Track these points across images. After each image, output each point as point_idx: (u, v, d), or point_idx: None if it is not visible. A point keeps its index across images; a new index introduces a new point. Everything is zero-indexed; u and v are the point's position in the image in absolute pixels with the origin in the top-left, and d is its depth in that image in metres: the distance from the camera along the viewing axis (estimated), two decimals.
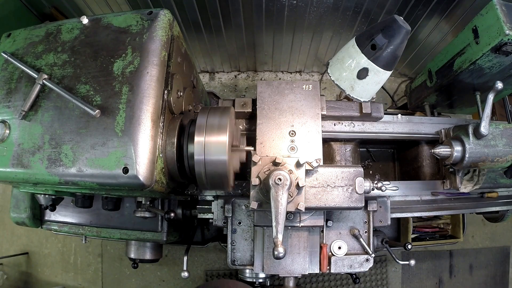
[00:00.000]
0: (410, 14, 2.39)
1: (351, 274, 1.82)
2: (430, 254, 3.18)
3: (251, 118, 1.61)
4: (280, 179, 1.20)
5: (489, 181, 1.62)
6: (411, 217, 2.20)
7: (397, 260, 1.81)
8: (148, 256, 1.91)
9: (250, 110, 1.55)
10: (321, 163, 1.35)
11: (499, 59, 1.53)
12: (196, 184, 1.52)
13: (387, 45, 1.14)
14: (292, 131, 1.46)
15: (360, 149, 1.94)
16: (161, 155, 1.26)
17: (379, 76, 1.21)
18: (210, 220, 1.59)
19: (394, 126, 1.67)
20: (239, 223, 1.55)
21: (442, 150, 1.45)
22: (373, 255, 1.57)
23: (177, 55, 1.41)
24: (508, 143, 1.43)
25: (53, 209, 1.62)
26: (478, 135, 1.41)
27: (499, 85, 1.35)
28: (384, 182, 1.38)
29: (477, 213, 2.13)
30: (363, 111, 1.58)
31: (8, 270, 3.19)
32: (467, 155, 1.41)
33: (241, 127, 1.61)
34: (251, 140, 1.51)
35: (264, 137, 1.45)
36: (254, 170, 1.30)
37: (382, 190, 1.38)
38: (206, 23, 2.52)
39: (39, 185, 1.31)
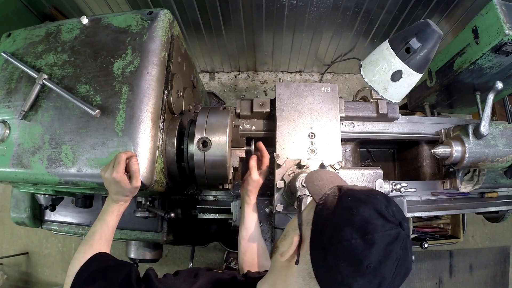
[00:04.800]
0: (410, 14, 2.40)
1: None
2: (430, 254, 3.18)
3: (269, 119, 1.61)
4: None
5: (489, 181, 1.62)
6: (411, 217, 2.20)
7: None
8: (148, 256, 1.90)
9: (268, 110, 1.55)
10: (343, 165, 1.36)
11: (499, 59, 1.53)
12: (196, 184, 1.52)
13: (421, 49, 1.16)
14: (312, 133, 1.47)
15: (360, 149, 1.94)
16: (161, 155, 1.26)
17: (412, 79, 1.23)
18: (229, 221, 1.58)
19: (394, 126, 1.67)
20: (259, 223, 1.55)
21: (442, 150, 1.45)
22: None
23: (177, 55, 1.41)
24: (508, 143, 1.43)
25: (53, 209, 1.62)
26: (478, 135, 1.41)
27: (499, 85, 1.35)
28: (402, 184, 1.40)
29: (477, 213, 2.13)
30: (380, 112, 1.59)
31: (8, 270, 3.19)
32: (467, 155, 1.41)
33: (240, 127, 1.61)
34: (270, 140, 1.51)
35: (284, 139, 1.46)
36: (279, 173, 1.31)
37: (401, 192, 1.41)
38: (206, 23, 2.52)
39: (39, 185, 1.31)
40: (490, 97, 1.40)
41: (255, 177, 1.30)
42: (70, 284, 0.93)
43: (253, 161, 1.33)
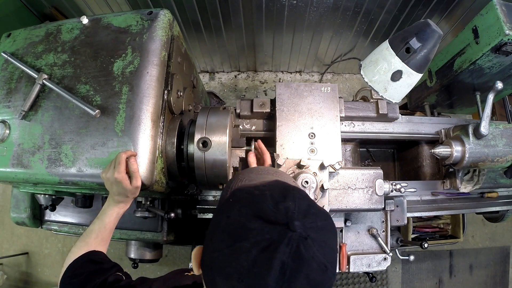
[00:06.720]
0: (410, 14, 2.40)
1: (367, 273, 1.84)
2: (430, 254, 3.18)
3: (269, 119, 1.61)
4: (307, 182, 1.23)
5: (489, 181, 1.62)
6: (411, 217, 2.21)
7: (398, 255, 1.86)
8: (148, 256, 1.91)
9: (268, 110, 1.55)
10: (343, 165, 1.36)
11: (499, 59, 1.53)
12: (196, 184, 1.52)
13: (421, 49, 1.17)
14: (312, 133, 1.46)
15: (360, 149, 1.94)
16: (161, 155, 1.26)
17: (412, 79, 1.23)
18: None
19: (394, 126, 1.67)
20: None
21: (442, 150, 1.45)
22: (390, 254, 1.59)
23: (177, 55, 1.41)
24: (508, 143, 1.43)
25: (53, 209, 1.62)
26: (478, 135, 1.41)
27: (499, 85, 1.35)
28: (402, 184, 1.40)
29: (477, 213, 2.13)
30: (380, 112, 1.59)
31: (8, 270, 3.19)
32: (467, 155, 1.41)
33: (240, 127, 1.61)
34: (270, 140, 1.51)
35: (284, 139, 1.46)
36: None
37: (401, 192, 1.40)
38: (206, 23, 2.52)
39: (39, 185, 1.31)
40: (490, 97, 1.40)
41: None
42: (61, 275, 0.99)
43: (252, 157, 1.30)
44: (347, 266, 1.55)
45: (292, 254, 0.55)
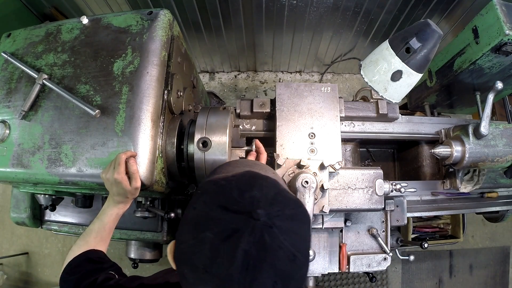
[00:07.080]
0: (410, 14, 2.40)
1: (367, 273, 1.85)
2: (430, 254, 3.18)
3: (269, 119, 1.61)
4: (307, 182, 1.23)
5: (489, 181, 1.62)
6: (411, 217, 2.21)
7: (398, 255, 1.86)
8: (148, 256, 1.90)
9: (268, 110, 1.55)
10: (343, 165, 1.37)
11: (499, 59, 1.53)
12: (196, 184, 1.52)
13: (421, 49, 1.17)
14: (312, 133, 1.46)
15: (360, 149, 1.94)
16: (161, 155, 1.26)
17: (412, 79, 1.24)
18: None
19: (394, 126, 1.67)
20: None
21: (442, 150, 1.45)
22: (390, 254, 1.59)
23: (177, 55, 1.41)
24: (508, 143, 1.43)
25: (53, 209, 1.62)
26: (478, 135, 1.41)
27: (499, 85, 1.35)
28: (402, 184, 1.40)
29: (477, 213, 2.13)
30: (380, 112, 1.59)
31: (8, 270, 3.19)
32: (467, 155, 1.41)
33: (240, 127, 1.61)
34: (270, 140, 1.51)
35: (284, 139, 1.46)
36: (279, 173, 1.31)
37: (401, 192, 1.40)
38: (206, 23, 2.52)
39: (39, 185, 1.31)
40: (490, 97, 1.41)
41: None
42: (61, 272, 1.01)
43: (252, 158, 1.33)
44: (347, 266, 1.56)
45: (256, 243, 0.54)
